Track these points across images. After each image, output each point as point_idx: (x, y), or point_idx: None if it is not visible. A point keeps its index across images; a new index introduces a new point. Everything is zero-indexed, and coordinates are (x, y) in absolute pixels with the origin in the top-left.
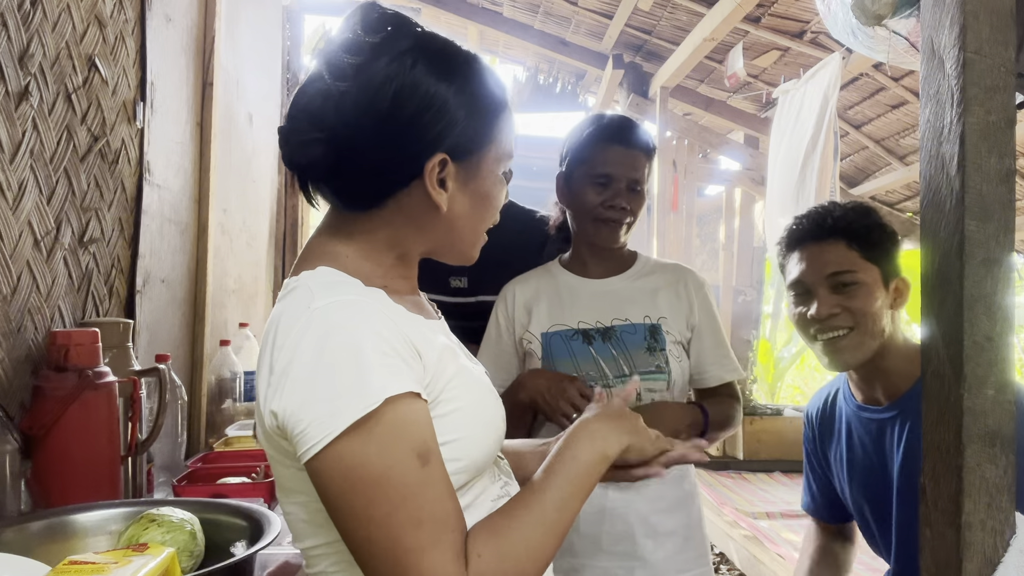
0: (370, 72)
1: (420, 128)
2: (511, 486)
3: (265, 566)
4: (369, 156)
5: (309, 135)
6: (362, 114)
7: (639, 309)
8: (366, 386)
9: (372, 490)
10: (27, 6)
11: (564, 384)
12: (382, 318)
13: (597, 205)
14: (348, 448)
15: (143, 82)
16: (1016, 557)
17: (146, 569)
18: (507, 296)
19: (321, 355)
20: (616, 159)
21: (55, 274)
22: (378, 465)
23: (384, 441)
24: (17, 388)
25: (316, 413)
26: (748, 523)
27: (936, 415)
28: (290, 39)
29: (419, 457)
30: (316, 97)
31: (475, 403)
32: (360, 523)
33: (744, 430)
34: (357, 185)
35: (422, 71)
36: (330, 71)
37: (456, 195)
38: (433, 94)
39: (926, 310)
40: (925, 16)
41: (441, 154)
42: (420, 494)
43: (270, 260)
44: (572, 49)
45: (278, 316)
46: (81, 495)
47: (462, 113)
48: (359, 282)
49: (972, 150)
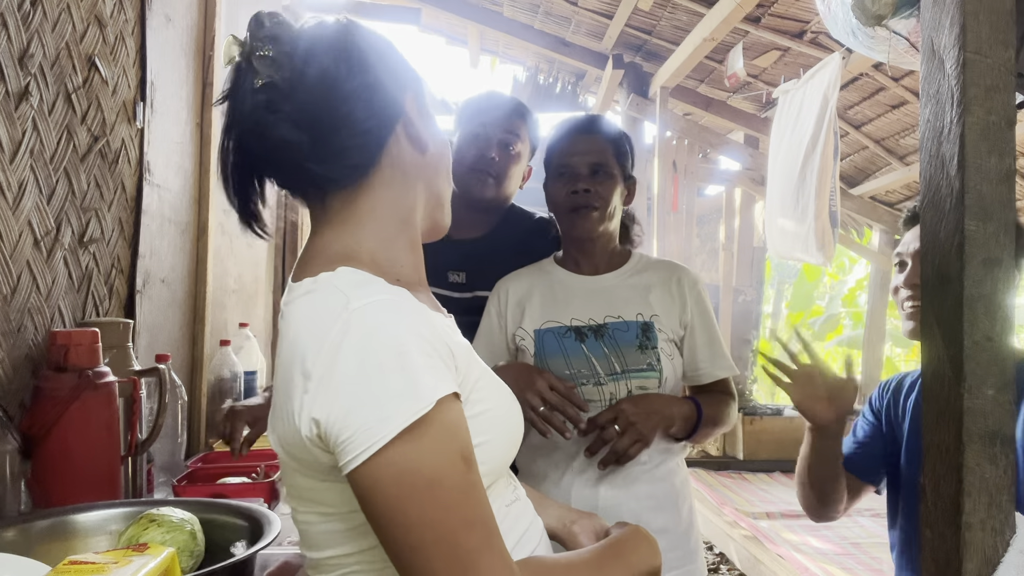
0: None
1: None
2: (520, 491)
3: (265, 566)
4: (347, 119)
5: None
6: (322, 85)
7: (632, 307)
8: (416, 388)
9: (424, 494)
10: (27, 6)
11: (533, 375)
12: (419, 318)
13: (564, 196)
14: (399, 453)
15: (143, 82)
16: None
17: (146, 569)
18: (500, 292)
19: (365, 358)
20: (574, 148)
21: (55, 274)
22: (431, 468)
23: (435, 444)
24: (17, 388)
25: (364, 419)
26: (748, 523)
27: (936, 415)
28: None
29: (464, 460)
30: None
31: (501, 406)
32: (412, 528)
33: (744, 430)
34: (343, 157)
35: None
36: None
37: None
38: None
39: (926, 310)
40: (925, 16)
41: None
42: (469, 496)
43: (270, 260)
44: (572, 49)
45: (303, 319)
46: (81, 495)
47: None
48: (383, 281)
49: (972, 150)
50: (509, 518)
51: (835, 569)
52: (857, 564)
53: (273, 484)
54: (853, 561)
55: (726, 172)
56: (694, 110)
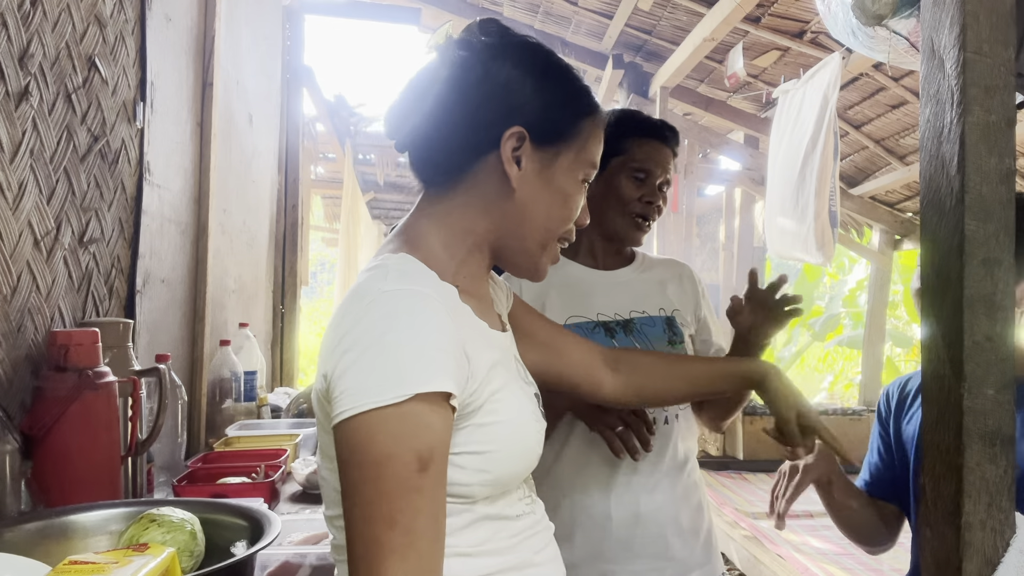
0: (471, 61)
1: (502, 100)
2: (536, 504)
3: (265, 566)
4: (455, 124)
5: (406, 108)
6: (452, 90)
7: (653, 301)
8: (404, 375)
9: (365, 470)
10: (27, 6)
11: None
12: (444, 315)
13: (635, 200)
14: (364, 424)
15: (143, 82)
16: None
17: (146, 569)
18: (512, 287)
19: (375, 336)
20: (655, 155)
21: (55, 274)
22: (379, 449)
23: (395, 431)
24: (17, 388)
25: (353, 385)
26: (748, 523)
27: (936, 415)
28: (290, 39)
29: (419, 459)
30: (423, 78)
31: (515, 421)
32: (347, 496)
33: (744, 430)
34: (441, 154)
35: (513, 59)
36: (441, 59)
37: (530, 178)
38: (518, 75)
39: (926, 310)
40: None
41: (519, 127)
42: (405, 497)
43: (270, 260)
44: (572, 49)
45: (352, 294)
46: (81, 495)
47: (545, 97)
48: (435, 275)
49: (972, 150)
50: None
51: (835, 569)
52: (857, 564)
53: (273, 484)
54: (853, 561)
55: (726, 172)
56: (694, 110)
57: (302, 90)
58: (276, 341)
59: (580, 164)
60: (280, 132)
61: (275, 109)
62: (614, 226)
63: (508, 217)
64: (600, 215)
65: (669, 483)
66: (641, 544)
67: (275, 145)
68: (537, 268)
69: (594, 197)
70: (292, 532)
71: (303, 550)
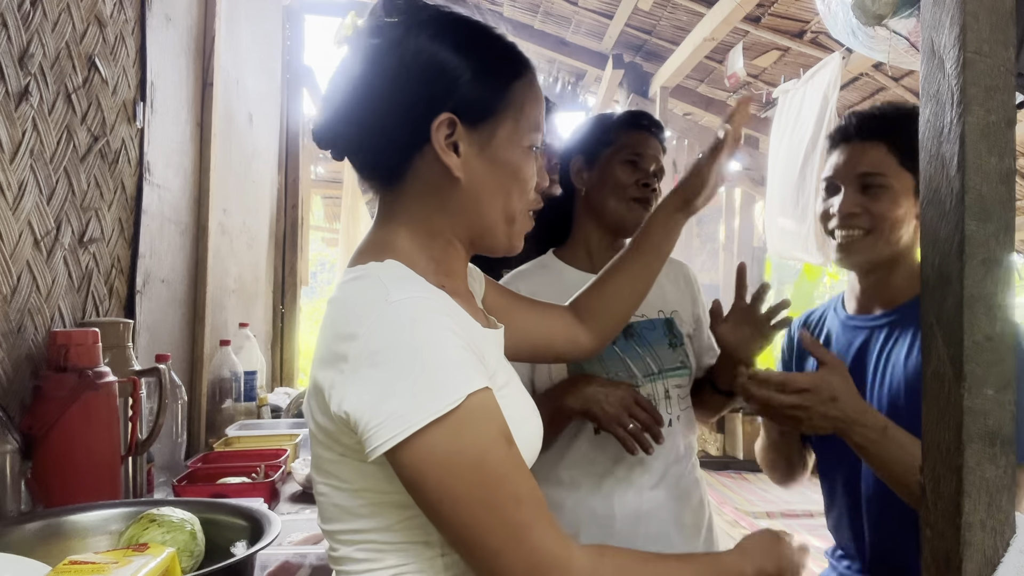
0: (383, 48)
1: (423, 88)
2: None
3: (265, 566)
4: (381, 125)
5: (329, 114)
6: (371, 85)
7: (652, 304)
8: (447, 382)
9: (472, 474)
10: (27, 6)
11: (620, 391)
12: (452, 318)
13: (631, 184)
14: (440, 436)
15: (143, 82)
16: (1016, 557)
17: (146, 569)
18: None
19: (399, 351)
20: (643, 141)
21: (55, 274)
22: (475, 449)
23: (476, 427)
24: (17, 388)
25: (395, 408)
26: (748, 523)
27: (936, 415)
28: (290, 39)
29: (505, 439)
30: (338, 78)
31: (518, 418)
32: (463, 507)
33: (744, 430)
34: (377, 158)
35: (426, 38)
36: (353, 53)
37: (472, 162)
38: (435, 56)
39: (926, 310)
40: (925, 16)
41: (446, 113)
42: (514, 473)
43: (270, 260)
44: (572, 49)
45: (347, 303)
46: (81, 495)
47: (468, 75)
48: (423, 280)
49: (972, 150)
50: None
51: None
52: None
53: (273, 484)
54: None
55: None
56: (694, 110)
57: (302, 90)
58: (276, 341)
59: (522, 131)
60: (280, 132)
61: (275, 109)
62: (615, 214)
63: (464, 207)
64: (599, 207)
65: (671, 481)
66: (644, 541)
67: (275, 145)
68: (510, 244)
69: (590, 191)
70: (292, 532)
71: (303, 550)
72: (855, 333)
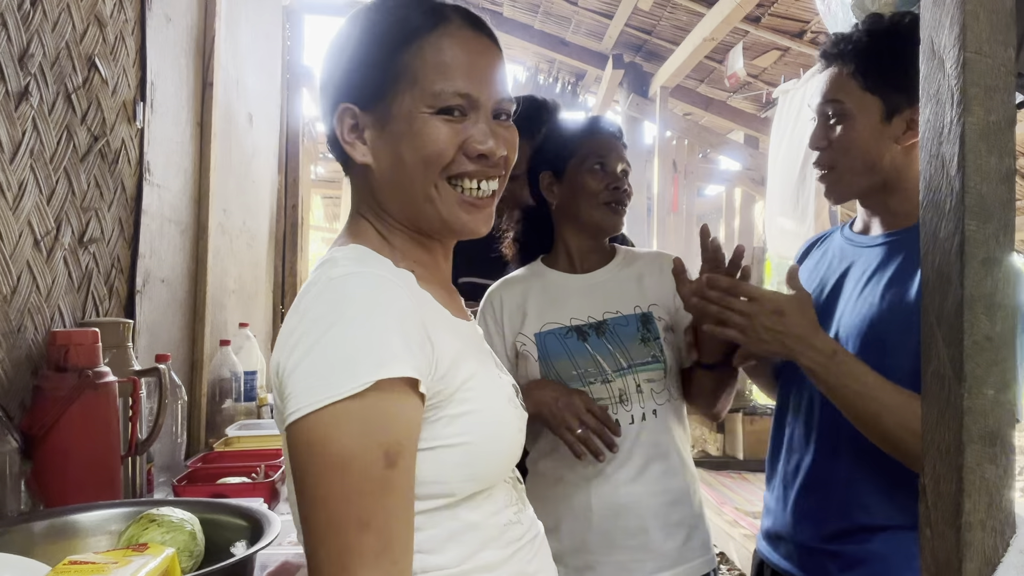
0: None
1: (328, 81)
2: (524, 513)
3: (265, 566)
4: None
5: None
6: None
7: (628, 300)
8: (358, 364)
9: (329, 474)
10: (27, 6)
11: (571, 397)
12: (401, 298)
13: (602, 189)
14: (320, 422)
15: (143, 82)
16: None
17: (146, 569)
18: (493, 301)
19: (323, 326)
20: (604, 144)
21: (55, 274)
22: (342, 450)
23: (357, 427)
24: (17, 388)
25: (306, 382)
26: (748, 522)
27: (936, 415)
28: (290, 39)
29: (385, 456)
30: None
31: (491, 410)
32: (309, 501)
33: (744, 430)
34: (333, 151)
35: (340, 38)
36: None
37: (378, 145)
38: (335, 50)
39: (926, 310)
40: (925, 16)
41: (343, 104)
42: (375, 496)
43: (270, 260)
44: (572, 49)
45: (305, 284)
46: (81, 495)
47: (356, 59)
48: (390, 262)
49: (972, 150)
50: (503, 539)
51: None
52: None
53: (273, 484)
54: None
55: (726, 172)
56: (694, 110)
57: (302, 90)
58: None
59: (421, 98)
60: (280, 132)
61: (275, 109)
62: (591, 220)
63: (384, 191)
64: (575, 216)
65: (651, 476)
66: (623, 536)
67: (275, 145)
68: (448, 219)
69: (564, 201)
70: (292, 532)
71: (303, 550)
72: (853, 252)
